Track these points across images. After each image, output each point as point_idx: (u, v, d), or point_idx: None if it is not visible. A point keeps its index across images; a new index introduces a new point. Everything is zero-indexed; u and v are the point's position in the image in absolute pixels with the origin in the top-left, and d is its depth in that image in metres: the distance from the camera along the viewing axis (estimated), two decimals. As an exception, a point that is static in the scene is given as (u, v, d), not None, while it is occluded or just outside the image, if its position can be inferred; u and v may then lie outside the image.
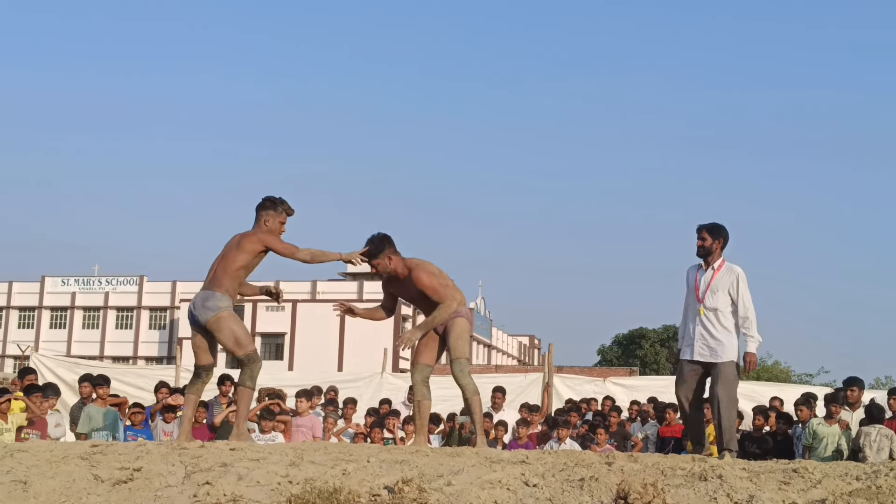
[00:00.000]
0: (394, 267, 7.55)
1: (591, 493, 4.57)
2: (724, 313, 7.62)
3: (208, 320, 7.38)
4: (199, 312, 7.43)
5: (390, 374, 16.61)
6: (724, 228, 7.87)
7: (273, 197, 7.73)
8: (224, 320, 7.40)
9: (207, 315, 7.38)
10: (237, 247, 7.48)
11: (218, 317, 7.38)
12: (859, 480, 4.69)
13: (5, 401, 9.56)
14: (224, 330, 7.39)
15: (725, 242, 7.86)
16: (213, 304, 7.40)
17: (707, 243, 7.79)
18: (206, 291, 7.46)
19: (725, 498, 4.45)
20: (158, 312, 68.32)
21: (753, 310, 7.66)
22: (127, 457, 5.41)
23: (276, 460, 5.31)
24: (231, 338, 7.41)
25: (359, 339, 56.46)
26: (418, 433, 7.69)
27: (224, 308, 7.41)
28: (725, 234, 7.84)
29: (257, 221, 7.64)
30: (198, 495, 4.72)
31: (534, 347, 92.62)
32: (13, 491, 4.85)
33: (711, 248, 7.78)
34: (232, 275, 7.45)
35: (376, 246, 7.52)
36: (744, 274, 7.75)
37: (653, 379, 21.41)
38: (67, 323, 68.68)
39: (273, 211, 7.64)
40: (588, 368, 50.97)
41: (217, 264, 7.54)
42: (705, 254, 7.80)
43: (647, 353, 72.56)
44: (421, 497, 4.49)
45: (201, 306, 7.43)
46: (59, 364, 16.37)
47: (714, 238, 7.79)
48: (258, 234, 7.52)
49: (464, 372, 7.48)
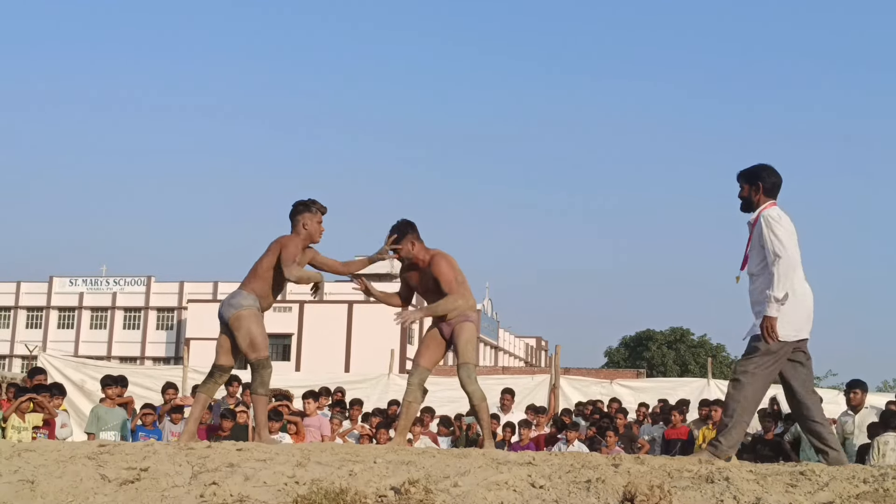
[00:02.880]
0: (415, 253, 7.55)
1: (597, 495, 4.56)
2: (764, 275, 6.18)
3: (230, 317, 7.38)
4: (223, 309, 7.46)
5: (397, 376, 16.61)
6: (764, 170, 6.38)
7: (303, 200, 7.64)
8: (244, 319, 7.37)
9: (230, 312, 7.39)
10: (268, 249, 7.46)
11: (238, 314, 7.36)
12: (866, 483, 4.67)
13: (25, 400, 9.61)
14: (242, 329, 7.36)
15: (769, 188, 6.34)
16: (237, 301, 7.40)
17: (744, 192, 6.41)
18: (235, 290, 7.51)
19: (732, 500, 4.44)
20: (166, 313, 68.42)
21: (783, 257, 6.04)
22: (134, 457, 5.42)
23: (283, 461, 5.32)
24: (247, 338, 7.37)
25: (366, 340, 56.46)
26: (399, 434, 7.64)
27: (246, 307, 7.39)
28: (765, 177, 6.35)
29: (294, 227, 7.55)
30: (204, 495, 4.73)
31: (541, 349, 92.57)
32: (21, 490, 4.86)
33: (749, 197, 6.38)
34: (261, 276, 7.44)
35: (400, 230, 7.54)
36: (775, 214, 6.21)
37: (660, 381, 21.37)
38: (75, 323, 68.82)
39: (308, 213, 7.54)
40: (595, 370, 50.89)
41: (252, 268, 7.53)
42: (747, 207, 6.41)
43: (654, 356, 72.44)
44: (427, 498, 4.49)
45: (227, 303, 7.47)
46: (66, 364, 16.43)
47: (751, 184, 6.37)
48: (285, 238, 7.45)
49: (471, 378, 7.43)
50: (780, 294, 6.00)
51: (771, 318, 6.02)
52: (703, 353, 69.90)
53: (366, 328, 58.10)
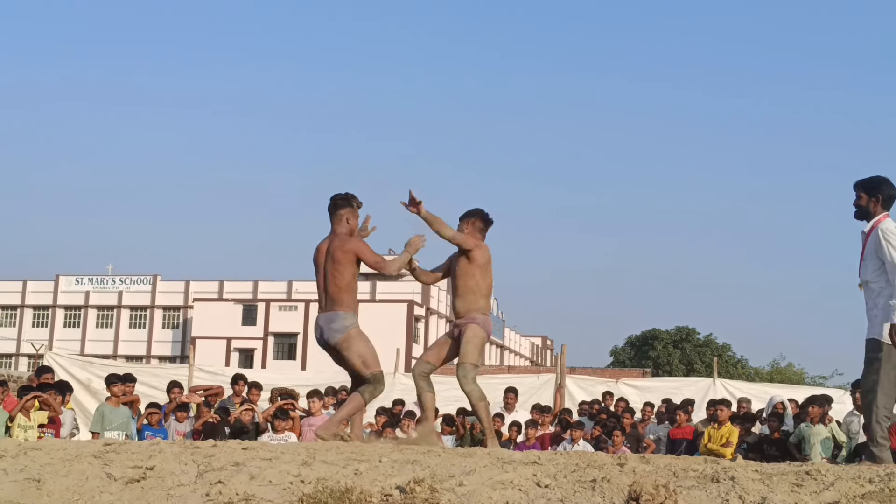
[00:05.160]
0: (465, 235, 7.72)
1: (602, 495, 4.56)
2: (878, 282, 6.44)
3: (338, 342, 7.37)
4: (328, 336, 7.40)
5: (403, 375, 16.60)
6: (884, 182, 6.61)
7: (345, 194, 7.63)
8: (352, 339, 7.38)
9: (336, 337, 7.36)
10: (334, 261, 7.37)
11: (347, 336, 7.36)
12: (872, 483, 4.67)
13: (31, 398, 9.62)
14: (353, 349, 7.38)
15: (887, 200, 6.57)
16: (340, 324, 7.35)
17: (862, 202, 6.62)
18: (330, 313, 7.39)
19: (737, 500, 4.44)
20: (172, 312, 68.48)
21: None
22: (140, 455, 5.43)
23: (289, 460, 5.32)
24: (358, 358, 7.39)
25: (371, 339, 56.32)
26: (426, 423, 7.81)
27: (351, 326, 7.39)
28: (886, 189, 6.57)
29: (339, 221, 7.53)
30: (210, 494, 4.73)
31: (546, 348, 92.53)
32: (27, 489, 4.87)
33: (867, 207, 6.57)
34: (346, 289, 7.39)
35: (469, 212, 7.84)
36: (893, 227, 6.45)
37: (666, 380, 21.36)
38: (81, 322, 68.93)
39: (351, 208, 7.55)
40: (601, 369, 50.89)
41: (327, 283, 7.42)
42: (862, 215, 6.63)
43: (659, 355, 72.38)
44: (433, 497, 4.49)
45: (328, 329, 7.39)
46: (72, 363, 16.45)
47: (870, 195, 6.58)
48: (348, 243, 7.41)
49: (467, 378, 7.52)
50: None
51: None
52: (709, 352, 69.80)
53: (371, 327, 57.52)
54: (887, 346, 6.28)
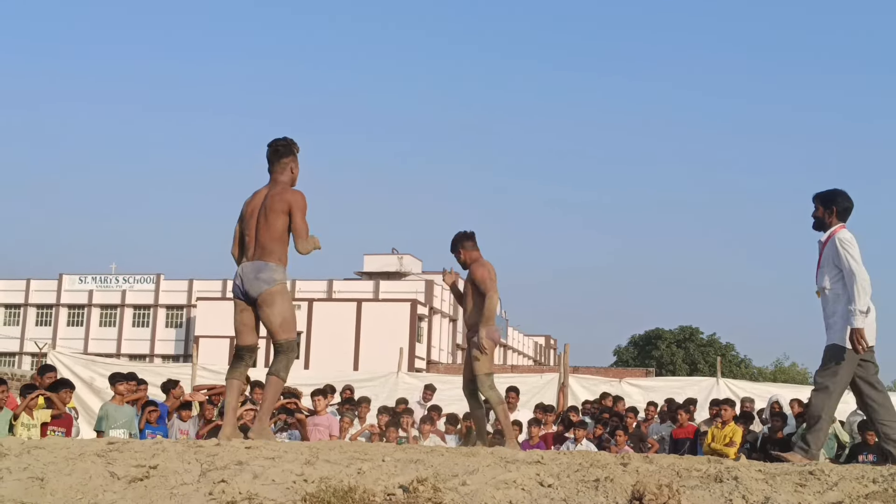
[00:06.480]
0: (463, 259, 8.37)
1: (605, 494, 4.55)
2: (835, 289, 6.74)
3: (261, 293, 6.61)
4: (250, 286, 6.64)
5: (406, 374, 16.62)
6: (839, 195, 6.91)
7: (285, 139, 6.95)
8: (278, 295, 6.63)
9: (261, 288, 6.60)
10: (272, 209, 6.65)
11: (272, 291, 6.61)
12: (876, 483, 4.66)
13: (34, 397, 9.63)
14: (276, 306, 6.63)
15: (842, 212, 6.89)
16: (268, 275, 6.61)
17: (818, 213, 6.93)
18: (259, 262, 6.63)
19: (741, 500, 4.43)
20: (175, 310, 68.55)
21: (860, 276, 6.60)
22: (143, 454, 5.43)
23: (292, 459, 5.32)
24: (280, 317, 6.65)
25: (375, 338, 56.52)
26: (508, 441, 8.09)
27: (279, 281, 6.64)
28: (841, 201, 6.87)
29: (282, 170, 6.83)
30: (213, 493, 4.73)
31: (550, 348, 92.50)
32: (30, 487, 4.87)
33: (823, 218, 6.88)
34: (280, 240, 6.65)
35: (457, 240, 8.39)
36: (848, 237, 6.73)
37: (669, 380, 21.34)
38: (85, 320, 69.00)
39: (293, 155, 6.88)
40: (604, 369, 50.89)
41: (259, 232, 6.69)
42: (819, 226, 6.94)
43: (663, 354, 72.38)
44: (436, 496, 4.48)
45: (253, 278, 6.63)
46: (76, 361, 16.47)
47: (826, 207, 6.88)
48: (288, 193, 6.72)
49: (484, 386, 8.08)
50: (865, 307, 6.59)
51: (859, 329, 6.57)
52: (713, 351, 69.83)
53: (375, 326, 58.15)
54: (849, 350, 6.63)
